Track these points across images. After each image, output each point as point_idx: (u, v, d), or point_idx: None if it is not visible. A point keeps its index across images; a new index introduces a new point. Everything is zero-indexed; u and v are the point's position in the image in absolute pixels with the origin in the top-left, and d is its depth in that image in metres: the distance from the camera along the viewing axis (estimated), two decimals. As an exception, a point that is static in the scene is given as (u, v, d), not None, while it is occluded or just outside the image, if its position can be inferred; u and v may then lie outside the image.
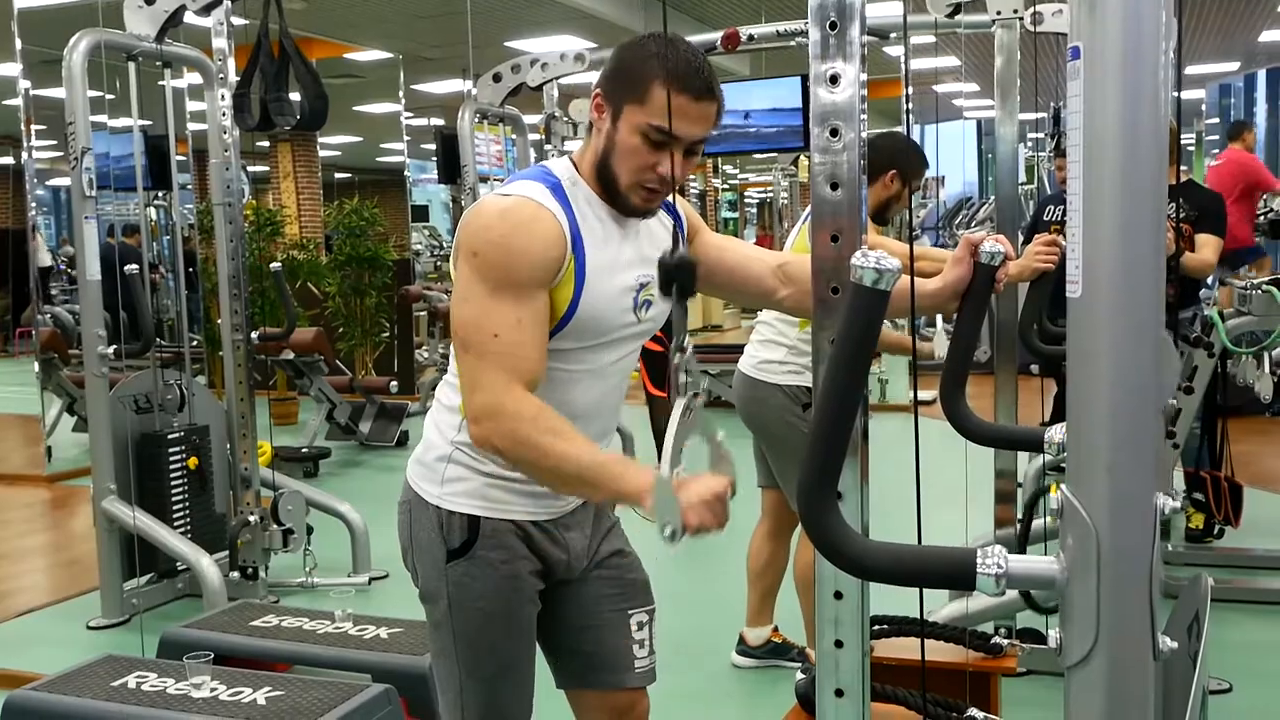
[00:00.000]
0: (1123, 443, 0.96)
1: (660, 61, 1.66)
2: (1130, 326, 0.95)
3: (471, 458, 1.79)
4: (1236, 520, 4.26)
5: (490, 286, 1.63)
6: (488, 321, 1.63)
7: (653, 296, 1.81)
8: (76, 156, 4.00)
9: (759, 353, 3.39)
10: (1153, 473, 0.99)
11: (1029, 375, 4.28)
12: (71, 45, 4.01)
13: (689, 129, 1.68)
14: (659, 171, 1.69)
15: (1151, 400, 0.98)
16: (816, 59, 1.50)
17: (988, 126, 14.85)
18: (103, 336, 4.12)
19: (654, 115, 1.65)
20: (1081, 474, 0.99)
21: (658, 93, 1.64)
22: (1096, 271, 0.95)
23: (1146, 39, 0.93)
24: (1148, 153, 0.94)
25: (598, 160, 1.73)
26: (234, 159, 4.41)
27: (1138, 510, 0.97)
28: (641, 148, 1.68)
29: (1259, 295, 3.78)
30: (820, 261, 1.44)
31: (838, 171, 1.47)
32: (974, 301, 1.68)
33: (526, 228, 1.65)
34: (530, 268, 1.65)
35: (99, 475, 4.19)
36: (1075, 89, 0.97)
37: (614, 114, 1.70)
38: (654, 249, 1.78)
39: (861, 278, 1.04)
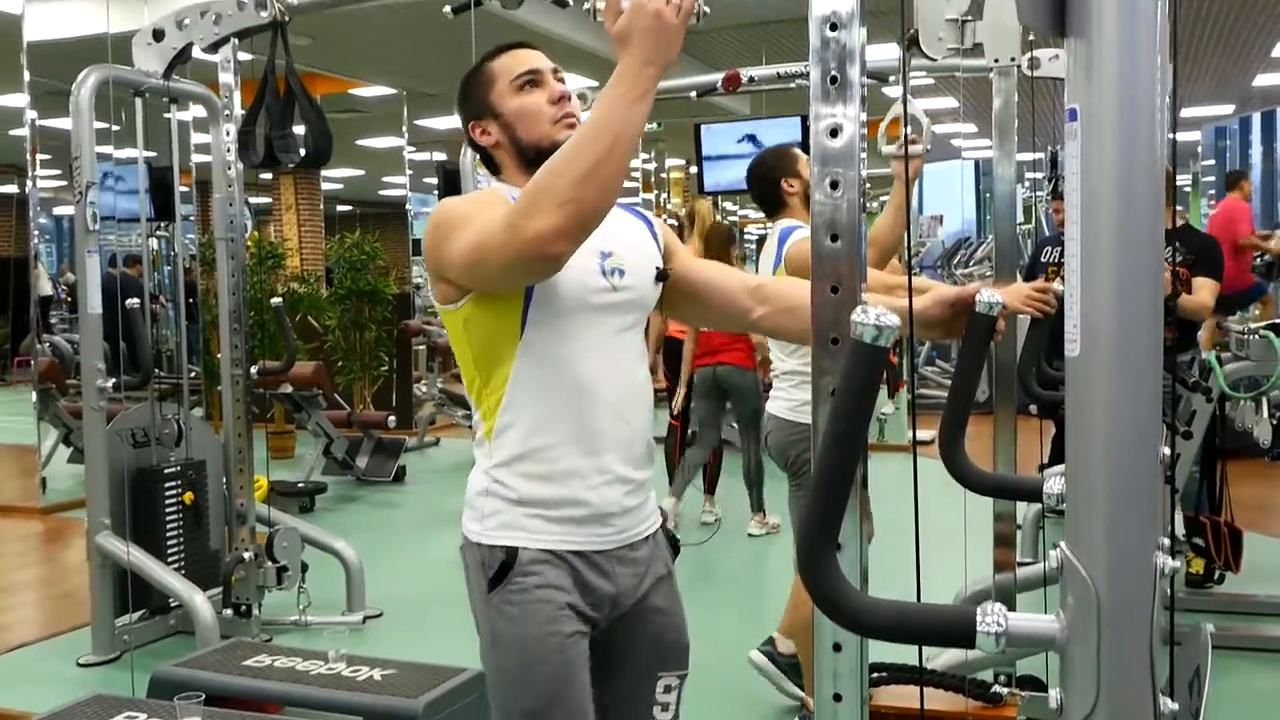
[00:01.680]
0: (1122, 503, 0.96)
1: (478, 63, 1.88)
2: (1128, 388, 0.95)
3: (507, 486, 1.77)
4: (1237, 565, 4.25)
5: (466, 222, 1.69)
6: (479, 224, 1.66)
7: (623, 266, 1.81)
8: (81, 191, 4.02)
9: (794, 395, 3.38)
10: (1153, 533, 0.99)
11: (1028, 415, 4.28)
12: (80, 81, 4.03)
13: (540, 61, 1.85)
14: (553, 99, 1.82)
15: (1150, 461, 0.98)
16: (817, 106, 1.52)
17: (986, 166, 14.92)
18: (102, 370, 4.12)
19: (509, 73, 1.82)
20: (1081, 533, 0.99)
21: (499, 63, 1.84)
22: (1094, 331, 0.96)
23: (1142, 103, 0.94)
24: (1145, 215, 0.95)
25: (515, 155, 1.84)
26: (238, 194, 4.43)
27: (1138, 570, 0.97)
28: (527, 99, 1.81)
29: (1256, 340, 3.79)
30: (820, 311, 1.45)
31: (837, 221, 1.48)
32: (972, 351, 1.68)
33: (478, 194, 1.83)
34: (496, 199, 1.74)
35: (94, 510, 4.18)
36: (1073, 150, 0.97)
37: (495, 115, 1.83)
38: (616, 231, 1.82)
39: (862, 334, 1.04)
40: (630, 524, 1.83)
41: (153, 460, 4.40)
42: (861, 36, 1.50)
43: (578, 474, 1.76)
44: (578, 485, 1.76)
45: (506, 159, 1.86)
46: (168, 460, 4.45)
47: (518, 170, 1.84)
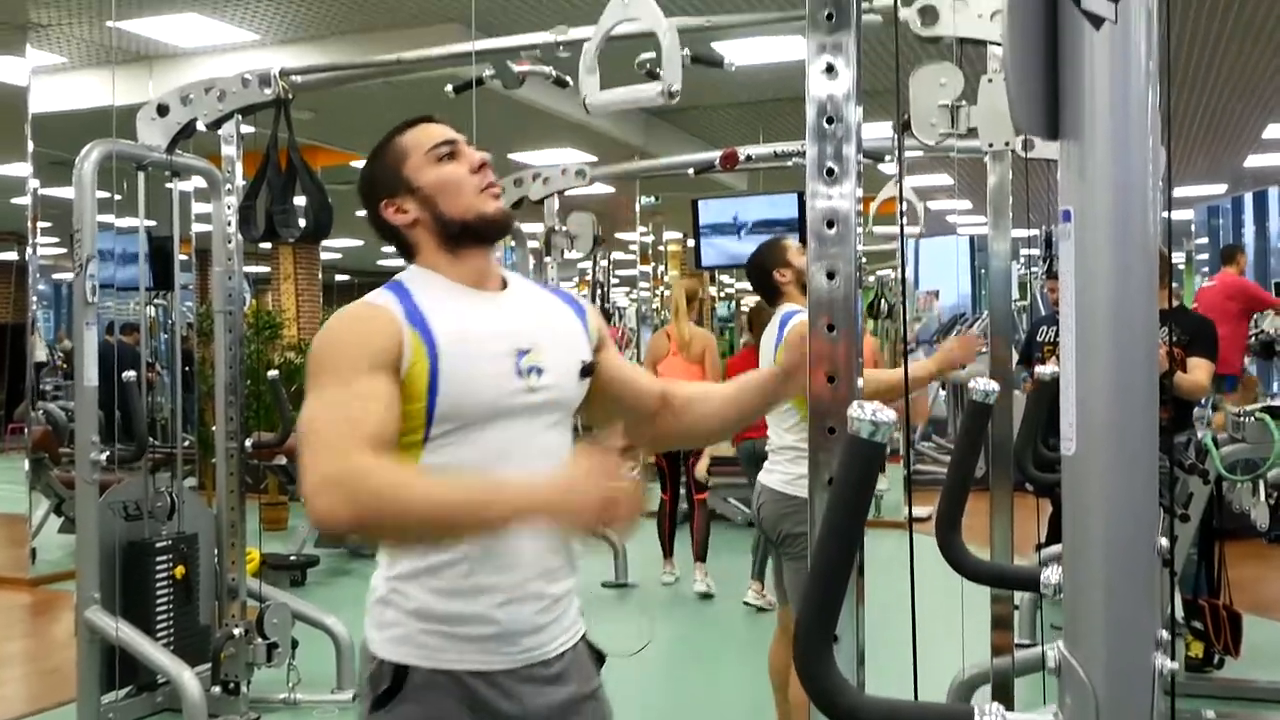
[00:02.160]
0: (1119, 606, 0.96)
1: (390, 136, 1.79)
2: (1126, 489, 0.95)
3: (406, 597, 1.63)
4: (1236, 650, 4.22)
5: (328, 378, 1.58)
6: (325, 406, 1.56)
7: (542, 364, 1.69)
8: (81, 264, 4.04)
9: (789, 469, 3.45)
10: (1151, 635, 0.98)
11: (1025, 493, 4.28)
12: (83, 155, 4.07)
13: (447, 132, 1.77)
14: (474, 167, 1.74)
15: (1148, 562, 0.98)
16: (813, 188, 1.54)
17: (981, 242, 15.05)
18: (96, 443, 4.11)
19: (423, 145, 1.74)
20: (1079, 634, 0.99)
21: (408, 137, 1.76)
22: (1091, 431, 0.96)
23: (1136, 206, 0.95)
24: (1141, 317, 0.95)
25: (441, 233, 1.73)
26: (237, 267, 4.45)
27: (1136, 673, 0.96)
28: (447, 170, 1.73)
29: (1252, 423, 3.80)
30: (817, 402, 1.46)
31: (834, 310, 1.50)
32: (968, 438, 1.68)
33: (355, 319, 1.65)
34: (363, 350, 1.59)
35: (83, 584, 4.14)
36: (1067, 250, 0.98)
37: (409, 189, 1.74)
38: (540, 320, 1.75)
39: (859, 430, 1.04)
40: (543, 640, 1.69)
41: (145, 534, 4.37)
42: (858, 116, 1.53)
43: (486, 591, 1.62)
44: (485, 602, 1.62)
45: (425, 237, 1.74)
46: (159, 534, 4.43)
47: (437, 249, 1.73)
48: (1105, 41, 0.95)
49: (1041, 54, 0.99)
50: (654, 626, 5.59)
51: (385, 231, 1.79)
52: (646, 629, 5.47)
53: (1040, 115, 1.00)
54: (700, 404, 1.94)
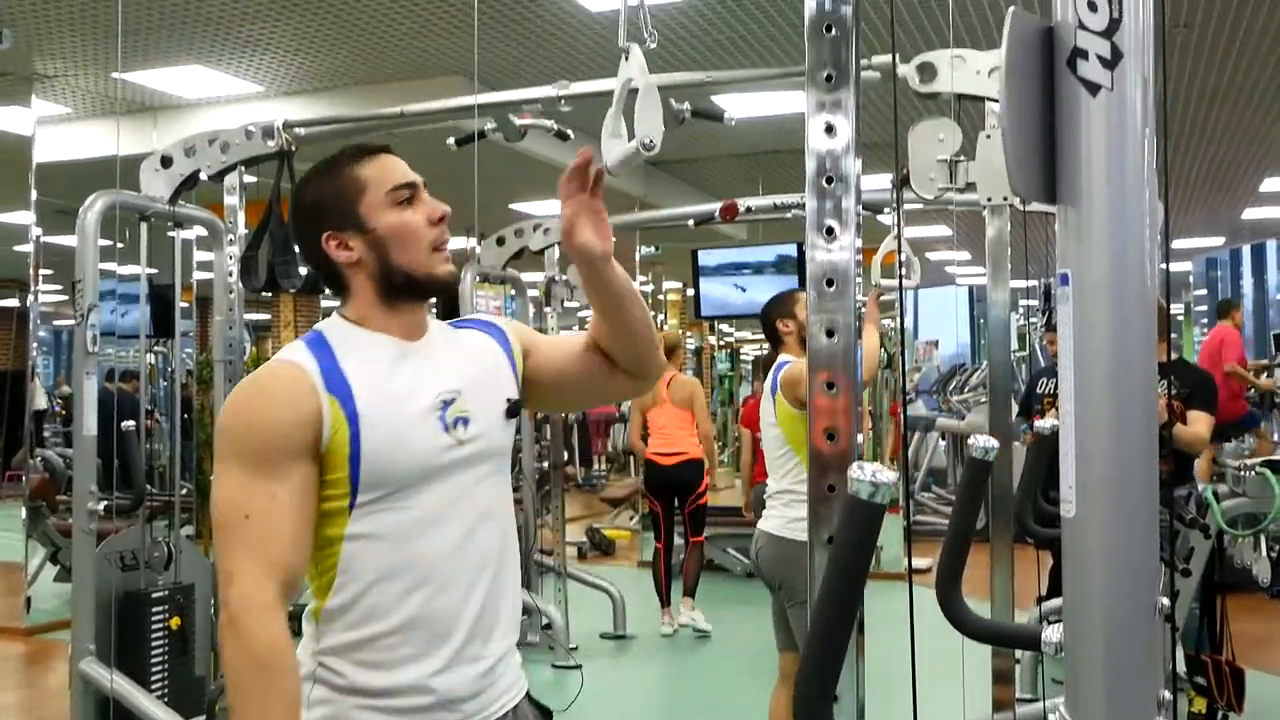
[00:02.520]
0: (1121, 667, 0.96)
1: (341, 161, 1.64)
2: (1126, 551, 0.95)
3: (334, 671, 1.54)
4: (1240, 705, 4.17)
5: (238, 463, 1.49)
6: (240, 499, 1.47)
7: (467, 412, 1.60)
8: (83, 313, 4.05)
9: (785, 512, 3.51)
10: (1153, 695, 0.98)
11: (1025, 544, 4.26)
12: (87, 206, 4.09)
13: (408, 172, 1.65)
14: (431, 218, 1.62)
15: (1149, 623, 0.98)
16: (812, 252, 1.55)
17: (979, 293, 15.12)
18: (94, 492, 4.10)
19: (384, 184, 1.61)
20: (1080, 696, 0.98)
21: (363, 171, 1.62)
22: (1090, 494, 0.96)
23: (1133, 270, 0.96)
24: (1139, 377, 0.96)
25: (384, 280, 1.61)
26: (238, 316, 4.46)
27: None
28: (407, 216, 1.61)
29: (1253, 477, 3.79)
30: (817, 458, 1.46)
31: (833, 368, 1.50)
32: (968, 496, 1.69)
33: (266, 391, 1.54)
34: (277, 433, 1.50)
35: (78, 635, 4.11)
36: (1065, 314, 0.99)
37: (359, 227, 1.60)
38: (461, 363, 1.66)
39: (858, 491, 1.04)
40: (484, 704, 1.60)
41: (141, 584, 4.35)
42: (857, 168, 1.54)
43: (421, 659, 1.54)
44: (420, 671, 1.54)
45: (362, 282, 1.62)
46: (156, 584, 4.40)
47: (372, 299, 1.62)
48: (1102, 109, 0.97)
49: (1039, 120, 1.01)
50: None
51: (318, 263, 1.66)
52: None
53: (1038, 181, 1.01)
54: (599, 338, 1.77)
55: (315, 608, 1.57)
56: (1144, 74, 0.99)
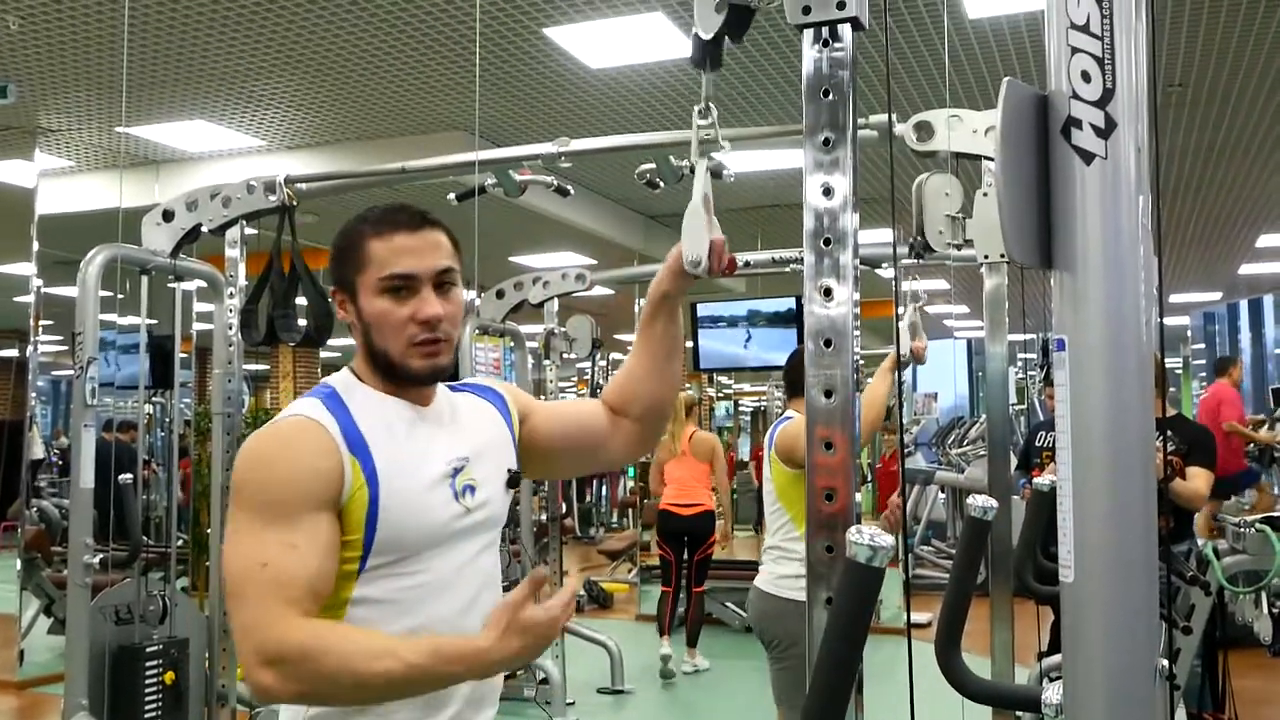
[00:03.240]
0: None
1: (362, 222, 1.61)
2: (1125, 615, 0.95)
3: None
4: (1242, 764, 4.14)
5: (257, 516, 1.44)
6: (255, 551, 1.42)
7: (474, 480, 1.61)
8: (82, 366, 4.05)
9: (775, 569, 3.56)
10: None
11: (1025, 599, 4.25)
12: (88, 259, 4.10)
13: (422, 262, 1.57)
14: (417, 318, 1.56)
15: (1149, 685, 0.98)
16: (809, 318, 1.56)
17: (978, 346, 15.15)
18: (90, 545, 4.08)
19: (382, 268, 1.56)
20: (1080, 764, 0.98)
21: (374, 246, 1.57)
22: (1089, 560, 0.96)
23: (1129, 335, 0.97)
24: (1136, 442, 0.96)
25: (367, 352, 1.60)
26: (237, 369, 4.47)
27: (1139, 805, 0.96)
28: (390, 306, 1.56)
29: (1253, 534, 3.77)
30: (815, 519, 1.46)
31: (831, 428, 1.50)
32: (967, 556, 1.68)
33: (288, 444, 1.49)
34: (298, 487, 1.46)
35: (71, 690, 4.07)
36: (1062, 379, 1.00)
37: (352, 297, 1.60)
38: (468, 430, 1.65)
39: (856, 555, 1.04)
40: None
41: (135, 638, 4.31)
42: (855, 222, 1.55)
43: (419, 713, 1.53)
44: None
45: (360, 345, 1.63)
46: (150, 638, 4.36)
47: (364, 362, 1.62)
48: (1096, 177, 0.98)
49: (1034, 187, 1.02)
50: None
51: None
52: None
53: (1034, 247, 1.02)
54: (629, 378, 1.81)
55: None
56: (1138, 142, 1.00)
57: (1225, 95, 7.28)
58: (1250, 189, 9.87)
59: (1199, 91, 7.15)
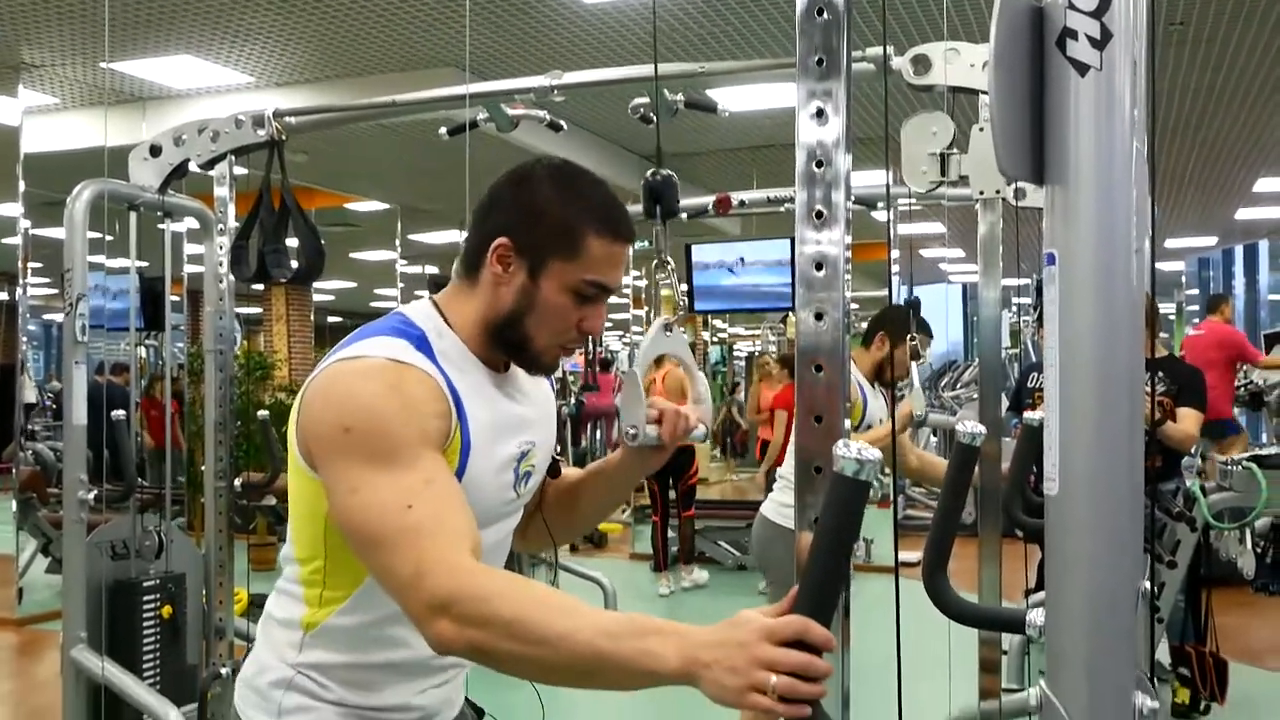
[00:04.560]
0: (1101, 645, 0.96)
1: (589, 208, 1.46)
2: (1108, 529, 0.96)
3: (316, 683, 1.46)
4: (1222, 697, 4.21)
5: (379, 460, 1.30)
6: (392, 497, 1.28)
7: (533, 467, 1.55)
8: (72, 303, 4.04)
9: (779, 497, 3.69)
10: (1132, 673, 0.99)
11: (1014, 538, 4.29)
12: (75, 195, 4.08)
13: (618, 277, 1.50)
14: (583, 327, 1.49)
15: (1129, 602, 0.99)
16: (802, 237, 1.55)
17: (972, 290, 15.15)
18: (84, 481, 4.09)
19: (590, 270, 1.45)
20: (1060, 673, 0.99)
21: (594, 245, 1.45)
22: (1073, 471, 0.97)
23: (1120, 249, 0.97)
24: (1124, 360, 0.96)
25: (499, 319, 1.47)
26: (228, 307, 4.45)
27: (1117, 711, 0.97)
28: (569, 305, 1.46)
29: (1239, 471, 3.81)
30: (802, 442, 1.46)
31: (820, 351, 1.50)
32: (956, 480, 1.69)
33: (401, 385, 1.36)
34: (419, 427, 1.34)
35: (69, 624, 4.10)
36: (1051, 294, 1.00)
37: (533, 270, 1.45)
38: (535, 409, 1.58)
39: (843, 468, 1.05)
40: (447, 714, 1.60)
41: (132, 573, 4.34)
42: (847, 164, 1.54)
43: (409, 685, 1.51)
44: (405, 695, 1.50)
45: (488, 299, 1.47)
46: (147, 573, 4.39)
47: (479, 321, 1.48)
48: (1090, 88, 0.97)
49: (1027, 101, 1.01)
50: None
51: (477, 242, 1.49)
52: None
53: (1026, 161, 1.02)
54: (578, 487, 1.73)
55: (309, 618, 1.47)
56: (1133, 56, 0.99)
57: (1226, 37, 7.22)
58: (1249, 132, 9.82)
59: (1199, 31, 7.09)
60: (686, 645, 1.11)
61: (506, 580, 1.24)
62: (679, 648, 1.11)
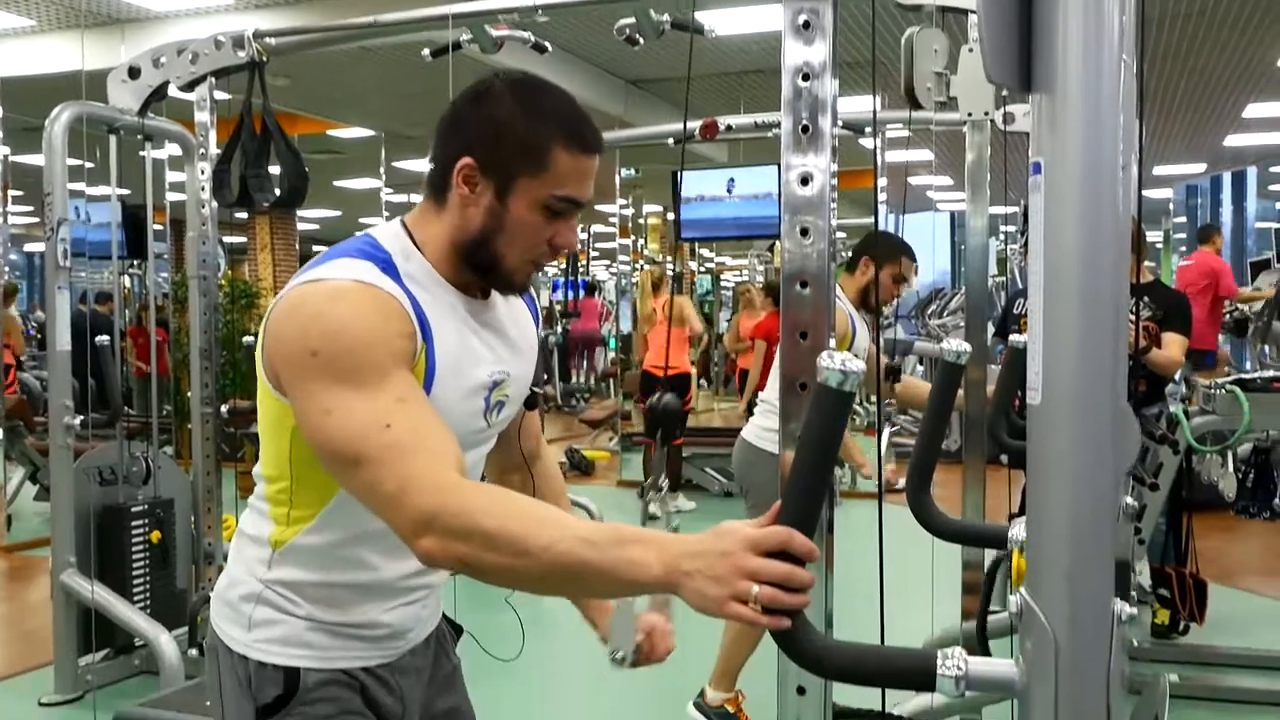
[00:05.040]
0: (1081, 551, 0.98)
1: (554, 122, 1.40)
2: (1088, 438, 0.97)
3: (285, 598, 1.47)
4: (1201, 617, 4.27)
5: (349, 381, 1.28)
6: (368, 416, 1.27)
7: (506, 397, 1.51)
8: (53, 227, 4.01)
9: (760, 421, 3.69)
10: (1111, 580, 1.00)
11: (998, 465, 4.33)
12: (53, 117, 4.03)
13: (588, 190, 1.44)
14: (555, 243, 1.44)
15: (1109, 510, 1.00)
16: (788, 155, 1.54)
17: (960, 218, 15.12)
18: (69, 407, 4.09)
19: (559, 185, 1.40)
20: (1040, 579, 1.00)
21: (562, 159, 1.39)
22: (1056, 381, 0.97)
23: (1106, 156, 0.96)
24: (1107, 269, 0.96)
25: (468, 241, 1.43)
26: (211, 233, 4.42)
27: (1095, 617, 0.98)
28: (540, 223, 1.42)
29: (1222, 395, 3.83)
30: (788, 359, 1.47)
31: (806, 268, 1.50)
32: (940, 397, 1.70)
33: (366, 307, 1.33)
34: (386, 347, 1.32)
35: (58, 548, 4.13)
36: (1036, 203, 0.99)
37: (500, 189, 1.40)
38: (513, 340, 1.55)
39: (827, 379, 1.05)
40: (422, 631, 1.60)
41: (119, 498, 4.36)
42: (833, 88, 1.53)
43: (377, 604, 1.51)
44: (375, 611, 1.50)
45: (448, 224, 1.44)
46: (135, 498, 4.41)
47: (445, 242, 1.45)
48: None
49: (1015, 7, 1.00)
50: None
51: (442, 163, 1.44)
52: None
53: (1013, 67, 1.01)
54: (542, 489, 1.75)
55: (276, 535, 1.47)
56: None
57: (1216, -42, 7.13)
58: (1239, 57, 9.74)
59: (1190, -48, 7.01)
60: (669, 554, 1.12)
61: (489, 494, 1.25)
62: (661, 556, 1.12)
